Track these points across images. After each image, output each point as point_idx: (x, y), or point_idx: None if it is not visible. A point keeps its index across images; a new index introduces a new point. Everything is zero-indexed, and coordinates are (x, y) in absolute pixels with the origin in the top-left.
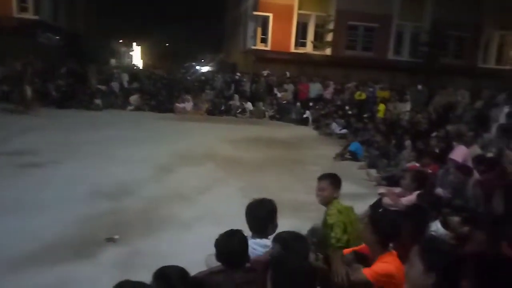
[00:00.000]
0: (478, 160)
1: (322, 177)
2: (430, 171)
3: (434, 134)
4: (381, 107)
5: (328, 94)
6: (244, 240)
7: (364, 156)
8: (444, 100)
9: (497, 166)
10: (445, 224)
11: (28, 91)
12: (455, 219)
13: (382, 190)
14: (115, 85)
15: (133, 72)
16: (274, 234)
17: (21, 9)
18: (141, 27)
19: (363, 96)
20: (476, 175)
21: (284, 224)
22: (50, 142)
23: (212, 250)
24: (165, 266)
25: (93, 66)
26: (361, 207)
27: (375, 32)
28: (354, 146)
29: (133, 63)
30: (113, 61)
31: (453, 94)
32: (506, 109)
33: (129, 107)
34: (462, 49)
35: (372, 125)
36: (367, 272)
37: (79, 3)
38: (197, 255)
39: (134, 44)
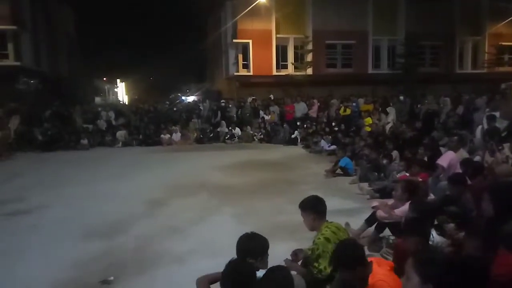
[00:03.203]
0: (465, 163)
1: (299, 207)
2: (420, 179)
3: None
4: (368, 120)
5: (313, 112)
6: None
7: (355, 170)
8: (426, 108)
9: (483, 169)
10: (441, 231)
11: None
12: (450, 225)
13: (375, 203)
14: (101, 123)
15: (119, 109)
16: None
17: (1, 56)
18: (124, 63)
19: (348, 111)
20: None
21: (282, 247)
22: (36, 187)
23: None
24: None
25: (78, 106)
26: (356, 222)
27: (353, 49)
28: (344, 161)
29: (118, 99)
30: (98, 100)
31: (434, 101)
32: (487, 113)
33: (117, 144)
34: (437, 58)
35: (359, 139)
36: None
37: (62, 47)
38: None
39: (118, 80)
